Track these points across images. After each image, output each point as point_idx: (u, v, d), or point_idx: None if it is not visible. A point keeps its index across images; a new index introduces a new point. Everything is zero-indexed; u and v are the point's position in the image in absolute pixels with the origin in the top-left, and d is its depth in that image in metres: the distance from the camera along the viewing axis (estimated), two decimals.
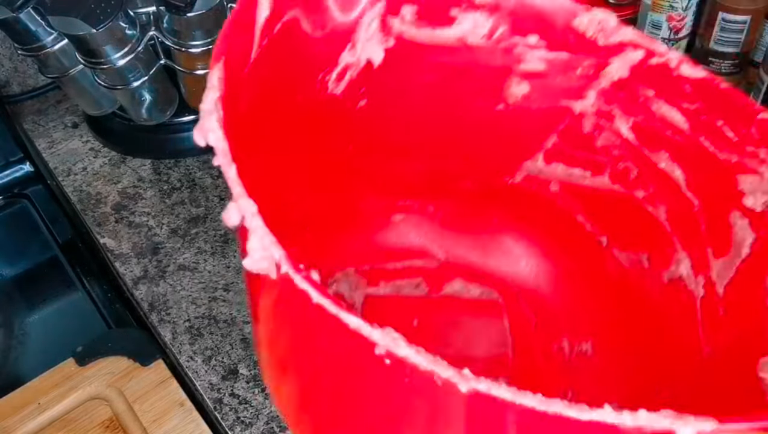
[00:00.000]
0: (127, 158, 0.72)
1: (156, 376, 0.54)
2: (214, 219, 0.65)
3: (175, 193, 0.68)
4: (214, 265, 0.61)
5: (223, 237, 0.63)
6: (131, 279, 0.60)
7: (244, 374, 0.53)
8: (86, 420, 0.52)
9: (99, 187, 0.69)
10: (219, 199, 0.67)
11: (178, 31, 0.60)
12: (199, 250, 0.62)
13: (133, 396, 0.52)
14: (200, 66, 0.64)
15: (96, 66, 0.60)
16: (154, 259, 0.62)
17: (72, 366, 0.54)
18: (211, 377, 0.53)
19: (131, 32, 0.59)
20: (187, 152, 0.71)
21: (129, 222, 0.65)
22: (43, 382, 0.54)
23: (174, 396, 0.52)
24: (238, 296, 0.58)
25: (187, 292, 0.59)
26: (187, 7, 0.57)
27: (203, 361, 0.54)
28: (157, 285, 0.59)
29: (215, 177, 0.69)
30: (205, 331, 0.56)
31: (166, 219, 0.65)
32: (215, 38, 0.61)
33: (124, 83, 0.62)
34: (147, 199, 0.67)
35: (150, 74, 0.63)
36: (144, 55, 0.61)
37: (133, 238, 0.64)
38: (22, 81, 0.80)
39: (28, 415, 0.52)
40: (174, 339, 0.55)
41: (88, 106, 0.71)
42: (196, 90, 0.68)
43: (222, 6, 0.61)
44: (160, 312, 0.57)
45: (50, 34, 0.61)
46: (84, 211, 0.67)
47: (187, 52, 0.62)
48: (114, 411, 0.52)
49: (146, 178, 0.70)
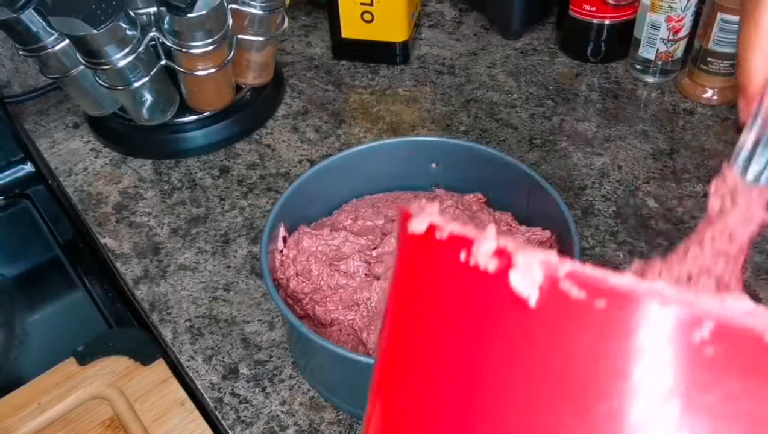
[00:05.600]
0: (128, 158, 0.72)
1: (156, 376, 0.54)
2: (215, 220, 0.65)
3: (175, 193, 0.68)
4: (215, 265, 0.61)
5: (223, 237, 0.63)
6: (132, 279, 0.60)
7: (245, 373, 0.53)
8: (87, 420, 0.52)
9: (100, 187, 0.69)
10: (219, 199, 0.67)
11: (178, 32, 0.60)
12: (200, 250, 0.62)
13: (134, 395, 0.53)
14: (200, 67, 0.64)
15: (97, 66, 0.60)
16: (155, 259, 0.62)
17: (73, 366, 0.55)
18: (211, 376, 0.53)
19: (132, 33, 0.59)
20: (187, 152, 0.71)
21: (130, 223, 0.65)
22: (43, 382, 0.54)
23: (174, 395, 0.53)
24: (238, 296, 0.58)
25: (187, 292, 0.59)
26: (187, 7, 0.58)
27: (204, 361, 0.54)
28: (157, 285, 0.60)
29: (215, 177, 0.69)
30: (205, 331, 0.56)
31: (166, 220, 0.65)
32: (216, 39, 0.62)
33: (125, 84, 0.62)
34: (148, 199, 0.68)
35: (151, 75, 0.63)
36: (145, 56, 0.62)
37: (133, 238, 0.64)
38: (24, 81, 0.80)
39: (28, 415, 0.52)
40: (174, 338, 0.56)
41: (88, 107, 0.71)
42: (197, 90, 0.69)
43: (222, 6, 0.61)
44: (161, 312, 0.57)
45: (51, 35, 0.61)
46: (85, 211, 0.67)
47: (188, 52, 0.62)
48: (115, 411, 0.52)
49: (147, 178, 0.70)
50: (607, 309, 0.19)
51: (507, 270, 0.20)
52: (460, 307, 0.22)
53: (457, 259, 0.21)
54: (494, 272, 0.20)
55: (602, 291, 0.19)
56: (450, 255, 0.22)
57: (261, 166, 0.70)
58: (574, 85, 0.77)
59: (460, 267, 0.21)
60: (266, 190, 0.67)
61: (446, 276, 0.22)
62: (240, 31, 0.66)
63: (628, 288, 0.19)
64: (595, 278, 0.19)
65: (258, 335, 0.55)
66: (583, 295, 0.19)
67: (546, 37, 0.84)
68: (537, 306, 0.20)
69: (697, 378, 0.19)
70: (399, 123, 0.74)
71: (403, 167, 0.58)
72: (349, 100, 0.78)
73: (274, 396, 0.51)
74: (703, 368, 0.19)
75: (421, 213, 0.23)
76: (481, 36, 0.86)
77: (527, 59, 0.81)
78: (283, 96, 0.78)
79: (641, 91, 0.76)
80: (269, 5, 0.65)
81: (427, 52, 0.83)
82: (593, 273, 0.19)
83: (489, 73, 0.80)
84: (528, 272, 0.20)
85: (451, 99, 0.76)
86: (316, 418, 0.50)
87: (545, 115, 0.74)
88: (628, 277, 0.19)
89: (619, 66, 0.79)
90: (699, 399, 0.19)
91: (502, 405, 0.21)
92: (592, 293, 0.19)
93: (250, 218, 0.65)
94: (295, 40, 0.87)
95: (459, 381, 0.22)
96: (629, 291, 0.19)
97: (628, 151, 0.69)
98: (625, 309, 0.19)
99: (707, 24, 0.69)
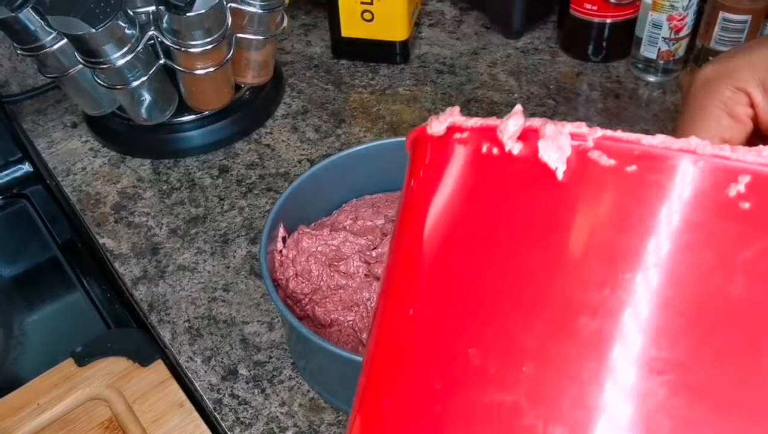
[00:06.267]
0: (127, 158, 0.72)
1: (155, 377, 0.53)
2: (214, 220, 0.65)
3: (174, 193, 0.68)
4: (214, 265, 0.60)
5: (222, 238, 0.63)
6: (131, 279, 0.60)
7: (244, 374, 0.53)
8: (86, 421, 0.52)
9: (98, 187, 0.69)
10: (218, 199, 0.66)
11: (177, 31, 0.60)
12: (199, 250, 0.62)
13: (133, 396, 0.52)
14: (200, 66, 0.64)
15: (95, 66, 0.60)
16: (154, 259, 0.61)
17: (71, 367, 0.54)
18: (210, 377, 0.53)
19: (131, 32, 0.59)
20: (186, 152, 0.71)
21: (128, 223, 0.65)
22: (42, 382, 0.54)
23: (173, 396, 0.52)
24: (237, 296, 0.58)
25: (186, 292, 0.59)
26: (186, 6, 0.57)
27: (203, 362, 0.54)
28: (156, 286, 0.59)
29: (214, 177, 0.69)
30: (204, 332, 0.56)
31: (165, 220, 0.65)
32: (215, 38, 0.61)
33: (124, 83, 0.62)
34: (146, 199, 0.67)
35: (149, 74, 0.63)
36: (143, 55, 0.61)
37: (132, 238, 0.63)
38: (22, 81, 0.80)
39: (27, 415, 0.52)
40: (173, 339, 0.55)
41: (87, 106, 0.71)
42: (196, 90, 0.68)
43: (221, 5, 0.60)
44: (160, 313, 0.57)
45: (49, 34, 0.61)
46: (83, 211, 0.67)
47: (187, 51, 0.61)
48: (113, 412, 0.52)
49: (146, 178, 0.69)
50: (638, 172, 0.18)
51: (535, 144, 0.19)
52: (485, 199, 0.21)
53: (479, 153, 0.21)
54: (520, 153, 0.20)
55: (634, 156, 0.18)
56: (473, 149, 0.21)
57: (260, 166, 0.70)
58: (576, 85, 0.77)
59: (484, 158, 0.21)
60: (266, 189, 0.67)
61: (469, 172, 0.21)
62: (239, 30, 0.66)
63: (660, 149, 0.18)
64: (626, 142, 0.18)
65: (257, 336, 0.55)
66: (613, 163, 0.18)
67: (547, 36, 0.84)
68: (565, 178, 0.19)
69: (734, 233, 0.18)
70: (399, 122, 0.74)
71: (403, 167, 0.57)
72: (349, 99, 0.77)
73: (273, 397, 0.51)
74: (739, 223, 0.18)
75: (443, 114, 0.22)
76: (481, 35, 0.85)
77: (528, 58, 0.81)
78: (283, 95, 0.78)
79: (643, 91, 0.76)
80: (269, 4, 0.65)
81: (428, 51, 0.83)
82: (623, 137, 0.18)
83: (490, 72, 0.79)
84: (556, 141, 0.19)
85: (451, 98, 0.76)
86: (316, 419, 0.50)
87: (546, 115, 0.73)
88: (659, 137, 0.18)
89: (621, 65, 0.79)
90: (735, 255, 0.18)
91: (531, 285, 0.19)
92: (623, 159, 0.18)
93: (250, 218, 0.64)
94: (294, 39, 0.87)
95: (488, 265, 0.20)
96: (661, 152, 0.18)
97: None
98: (657, 170, 0.18)
99: (709, 23, 0.69)
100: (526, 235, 0.20)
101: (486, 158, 0.20)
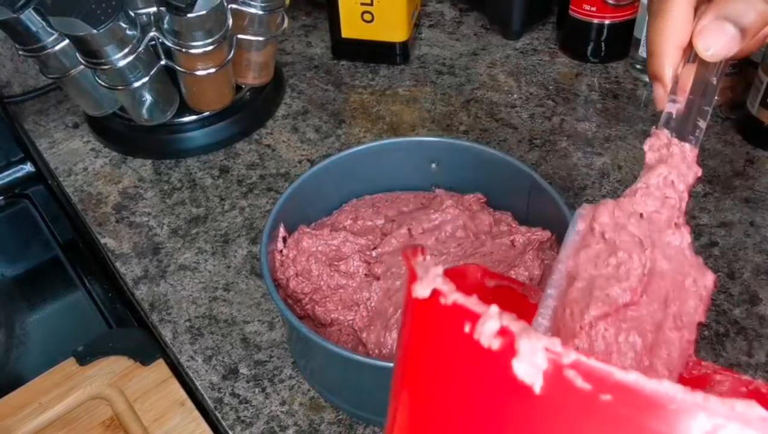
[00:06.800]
0: (128, 158, 0.72)
1: (156, 376, 0.54)
2: (215, 220, 0.65)
3: (175, 193, 0.68)
4: (215, 265, 0.61)
5: (223, 237, 0.63)
6: (132, 279, 0.60)
7: (245, 374, 0.53)
8: (87, 420, 0.52)
9: (100, 187, 0.69)
10: (219, 199, 0.67)
11: (178, 32, 0.60)
12: (200, 250, 0.62)
13: (134, 395, 0.53)
14: (200, 66, 0.64)
15: (96, 66, 0.60)
16: (155, 259, 0.62)
17: (73, 366, 0.55)
18: (211, 377, 0.53)
19: (132, 33, 0.59)
20: (187, 152, 0.71)
21: (129, 223, 0.65)
22: (43, 382, 0.54)
23: (174, 395, 0.52)
24: (238, 296, 0.58)
25: (187, 292, 0.59)
26: (187, 7, 0.58)
27: (204, 361, 0.54)
28: (157, 285, 0.60)
29: (215, 177, 0.69)
30: (205, 331, 0.56)
31: (166, 220, 0.65)
32: (215, 39, 0.62)
33: (125, 84, 0.62)
34: (147, 199, 0.67)
35: (150, 75, 0.63)
36: (144, 56, 0.61)
37: (133, 238, 0.64)
38: (23, 81, 0.80)
39: (28, 415, 0.52)
40: (174, 338, 0.56)
41: (88, 107, 0.71)
42: (196, 90, 0.69)
43: (222, 6, 0.61)
44: (161, 312, 0.57)
45: (51, 35, 0.61)
46: (85, 211, 0.67)
47: (188, 52, 0.62)
48: (114, 411, 0.52)
49: (147, 178, 0.70)
50: (613, 404, 0.18)
51: (510, 354, 0.19)
52: (465, 381, 0.21)
53: (461, 330, 0.21)
54: (498, 351, 0.20)
55: (608, 385, 0.18)
56: (455, 324, 0.21)
57: (261, 166, 0.70)
58: (574, 85, 0.77)
59: (465, 338, 0.21)
60: (266, 190, 0.67)
61: (451, 346, 0.22)
62: (240, 30, 0.66)
63: (634, 384, 0.18)
64: (600, 370, 0.18)
65: (258, 335, 0.55)
66: (588, 387, 0.18)
67: (546, 37, 0.84)
68: (542, 392, 0.19)
69: None
70: (399, 123, 0.74)
71: (403, 167, 0.58)
72: (349, 100, 0.78)
73: (274, 397, 0.51)
74: None
75: (426, 276, 0.22)
76: (481, 36, 0.86)
77: (527, 59, 0.81)
78: (283, 96, 0.78)
79: (641, 91, 0.76)
80: (269, 5, 0.65)
81: (427, 51, 0.83)
82: (598, 365, 0.18)
83: (489, 72, 0.80)
84: (532, 359, 0.19)
85: (451, 99, 0.76)
86: (316, 418, 0.50)
87: (545, 115, 0.74)
88: (633, 374, 0.18)
89: (620, 66, 0.79)
90: None
91: None
92: (598, 386, 0.18)
93: (250, 218, 0.65)
94: (294, 40, 0.87)
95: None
96: (636, 389, 0.18)
97: (628, 151, 0.69)
98: (631, 406, 0.18)
99: None
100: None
101: (467, 341, 0.21)
